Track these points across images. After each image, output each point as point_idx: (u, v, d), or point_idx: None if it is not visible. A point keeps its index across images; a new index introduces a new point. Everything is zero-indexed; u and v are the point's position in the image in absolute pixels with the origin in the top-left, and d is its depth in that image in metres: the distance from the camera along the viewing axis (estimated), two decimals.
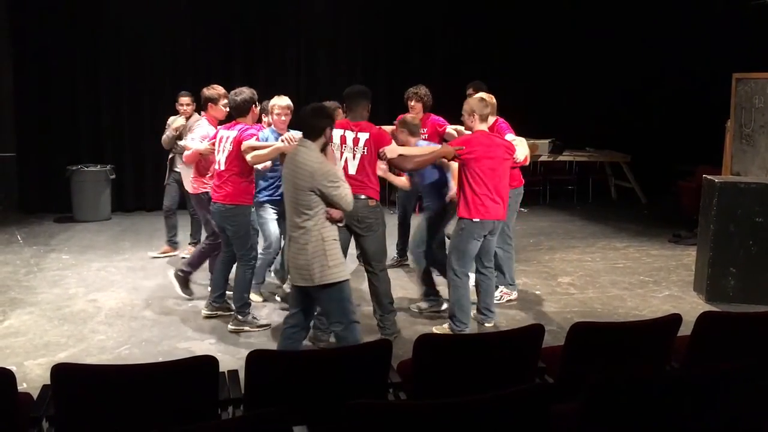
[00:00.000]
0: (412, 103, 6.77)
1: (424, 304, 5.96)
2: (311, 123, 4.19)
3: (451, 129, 6.53)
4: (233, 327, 5.49)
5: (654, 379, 2.94)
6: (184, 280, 6.15)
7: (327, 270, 4.13)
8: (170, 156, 7.40)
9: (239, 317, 5.49)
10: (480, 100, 5.22)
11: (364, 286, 5.63)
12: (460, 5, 11.07)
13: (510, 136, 5.63)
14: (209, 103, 5.99)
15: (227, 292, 5.79)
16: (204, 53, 10.24)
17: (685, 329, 3.65)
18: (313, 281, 4.15)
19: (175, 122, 7.24)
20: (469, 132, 5.37)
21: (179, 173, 7.08)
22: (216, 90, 5.99)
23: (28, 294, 6.34)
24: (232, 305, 5.61)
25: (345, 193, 4.14)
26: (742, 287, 6.23)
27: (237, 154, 5.24)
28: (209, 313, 5.75)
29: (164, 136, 7.31)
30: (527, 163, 5.85)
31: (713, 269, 6.29)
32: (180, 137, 7.04)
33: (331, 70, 10.72)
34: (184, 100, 7.24)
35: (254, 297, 5.91)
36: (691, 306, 6.13)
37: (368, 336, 5.13)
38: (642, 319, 4.56)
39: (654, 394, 2.75)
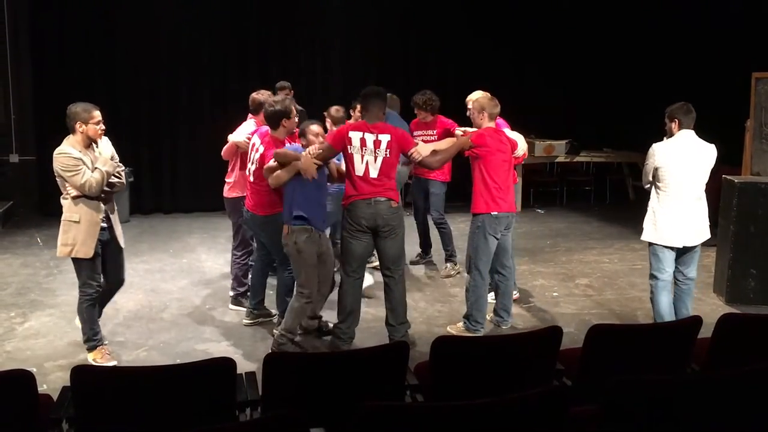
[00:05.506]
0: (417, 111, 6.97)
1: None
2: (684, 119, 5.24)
3: (459, 131, 6.55)
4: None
5: (674, 382, 2.91)
6: (237, 299, 6.04)
7: None
8: None
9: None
10: (490, 99, 5.43)
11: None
12: (476, 7, 11.04)
13: (507, 131, 5.65)
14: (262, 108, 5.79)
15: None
16: (219, 55, 10.30)
17: (706, 331, 3.61)
18: (708, 235, 5.13)
19: None
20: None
21: None
22: (265, 96, 5.87)
23: (48, 296, 6.40)
24: (272, 310, 5.59)
25: None
26: (763, 289, 6.15)
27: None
28: (250, 321, 5.65)
29: None
30: (522, 162, 6.18)
31: (733, 270, 6.21)
32: None
33: (344, 72, 10.72)
34: None
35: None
36: (711, 308, 6.06)
37: (379, 341, 5.13)
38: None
39: (674, 397, 2.72)
